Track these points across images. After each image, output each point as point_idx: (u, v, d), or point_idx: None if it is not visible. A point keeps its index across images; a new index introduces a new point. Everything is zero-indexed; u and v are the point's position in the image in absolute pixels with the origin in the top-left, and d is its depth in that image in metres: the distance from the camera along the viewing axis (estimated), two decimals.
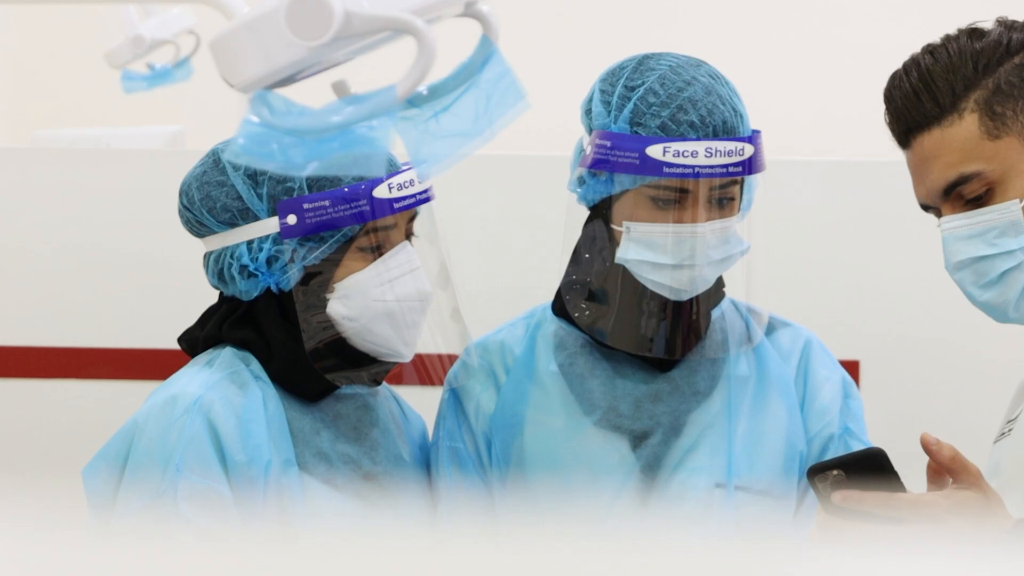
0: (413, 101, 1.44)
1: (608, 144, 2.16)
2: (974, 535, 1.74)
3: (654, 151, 2.12)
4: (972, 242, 1.90)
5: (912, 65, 1.93)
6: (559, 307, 2.28)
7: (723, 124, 2.13)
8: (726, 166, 2.12)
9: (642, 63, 2.19)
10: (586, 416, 2.21)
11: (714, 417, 2.21)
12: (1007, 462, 1.97)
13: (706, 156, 2.11)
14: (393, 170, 2.09)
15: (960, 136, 1.89)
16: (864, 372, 3.13)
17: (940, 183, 1.91)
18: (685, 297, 2.17)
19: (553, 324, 2.28)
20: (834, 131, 3.30)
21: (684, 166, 2.11)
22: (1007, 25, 1.93)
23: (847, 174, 3.16)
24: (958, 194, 1.91)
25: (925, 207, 1.97)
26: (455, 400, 2.27)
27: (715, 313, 2.24)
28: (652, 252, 2.15)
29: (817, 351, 2.30)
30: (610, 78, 2.20)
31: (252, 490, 2.00)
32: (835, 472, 1.75)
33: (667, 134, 2.12)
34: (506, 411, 2.23)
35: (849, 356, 3.05)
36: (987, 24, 1.94)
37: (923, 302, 3.07)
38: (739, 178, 2.16)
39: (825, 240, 3.16)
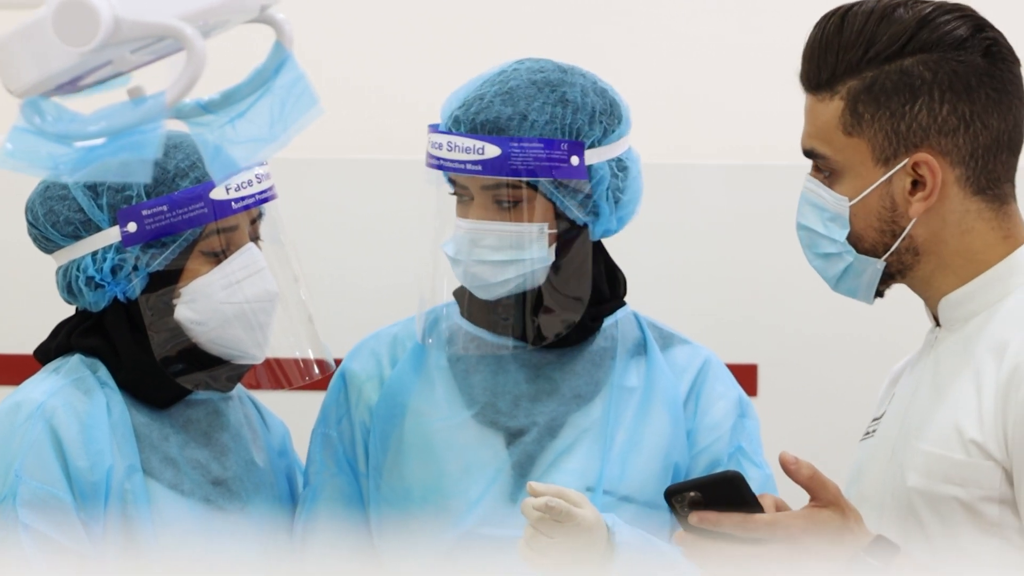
0: (208, 107, 1.45)
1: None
2: (830, 554, 1.75)
3: (427, 143, 2.20)
4: (813, 211, 1.94)
5: (825, 21, 1.91)
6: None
7: (485, 124, 2.14)
8: (463, 162, 2.15)
9: (501, 67, 2.21)
10: (466, 409, 2.22)
11: (593, 422, 2.21)
12: (867, 464, 1.97)
13: (448, 150, 2.15)
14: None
15: (824, 115, 1.90)
16: (762, 376, 3.13)
17: (804, 143, 1.94)
18: (481, 295, 2.19)
19: (450, 320, 2.29)
20: (731, 134, 3.29)
21: (433, 157, 2.18)
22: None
23: (744, 178, 3.17)
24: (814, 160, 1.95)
25: None
26: (339, 388, 2.29)
27: (608, 321, 2.25)
28: (445, 245, 2.20)
29: (715, 370, 2.29)
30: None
31: (94, 496, 2.01)
32: (692, 493, 1.76)
33: (439, 128, 2.18)
34: (390, 400, 2.25)
35: (747, 360, 3.05)
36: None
37: (821, 306, 3.06)
38: (523, 182, 2.15)
39: (722, 245, 3.16)
